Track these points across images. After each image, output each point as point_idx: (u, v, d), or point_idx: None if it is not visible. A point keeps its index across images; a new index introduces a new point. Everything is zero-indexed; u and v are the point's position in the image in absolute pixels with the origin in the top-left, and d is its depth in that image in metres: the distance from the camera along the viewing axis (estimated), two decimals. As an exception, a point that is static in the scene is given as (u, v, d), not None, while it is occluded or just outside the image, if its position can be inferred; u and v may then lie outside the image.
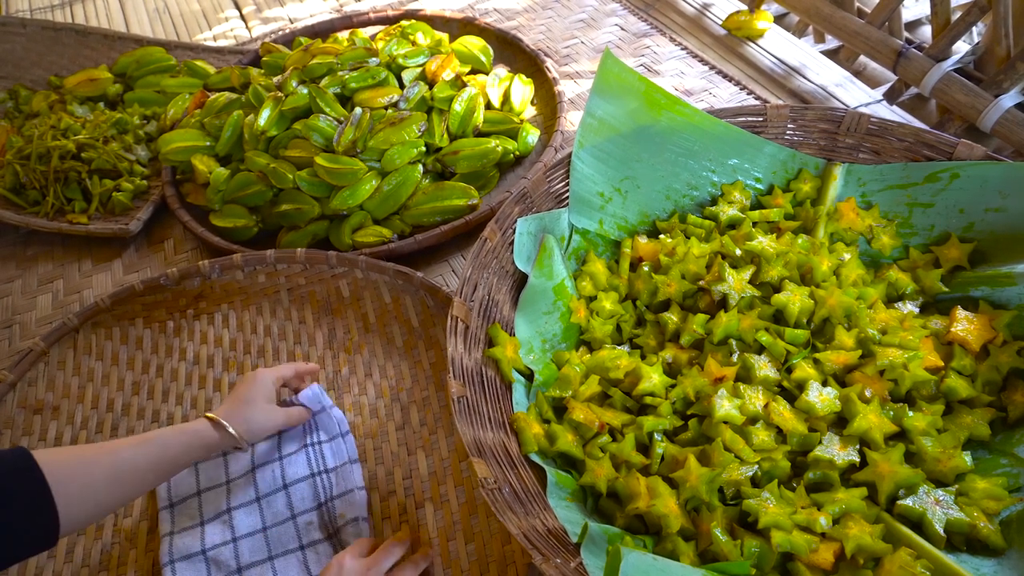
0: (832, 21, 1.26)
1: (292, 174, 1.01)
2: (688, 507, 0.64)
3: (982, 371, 0.71)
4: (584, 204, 0.85)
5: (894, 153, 0.84)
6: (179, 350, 0.91)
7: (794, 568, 0.61)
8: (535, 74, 1.24)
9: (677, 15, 1.41)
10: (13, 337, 0.98)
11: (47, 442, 0.83)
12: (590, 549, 0.58)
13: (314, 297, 0.95)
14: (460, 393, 0.67)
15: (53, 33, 1.48)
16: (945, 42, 1.13)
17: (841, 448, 0.66)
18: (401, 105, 1.09)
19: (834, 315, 0.74)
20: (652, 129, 0.85)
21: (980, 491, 0.63)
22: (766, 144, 0.87)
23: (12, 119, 1.27)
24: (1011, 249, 0.77)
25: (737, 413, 0.68)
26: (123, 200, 1.10)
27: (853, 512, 0.62)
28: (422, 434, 0.81)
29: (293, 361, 0.85)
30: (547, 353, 0.79)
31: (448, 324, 0.71)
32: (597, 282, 0.83)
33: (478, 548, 0.72)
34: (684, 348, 0.76)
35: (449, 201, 1.01)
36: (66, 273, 1.06)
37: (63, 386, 0.89)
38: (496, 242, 0.79)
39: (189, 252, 1.07)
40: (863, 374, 0.70)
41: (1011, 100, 1.06)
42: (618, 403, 0.73)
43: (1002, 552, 0.60)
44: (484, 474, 0.61)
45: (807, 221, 0.85)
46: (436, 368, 0.86)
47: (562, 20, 1.43)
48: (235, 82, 1.22)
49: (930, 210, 0.82)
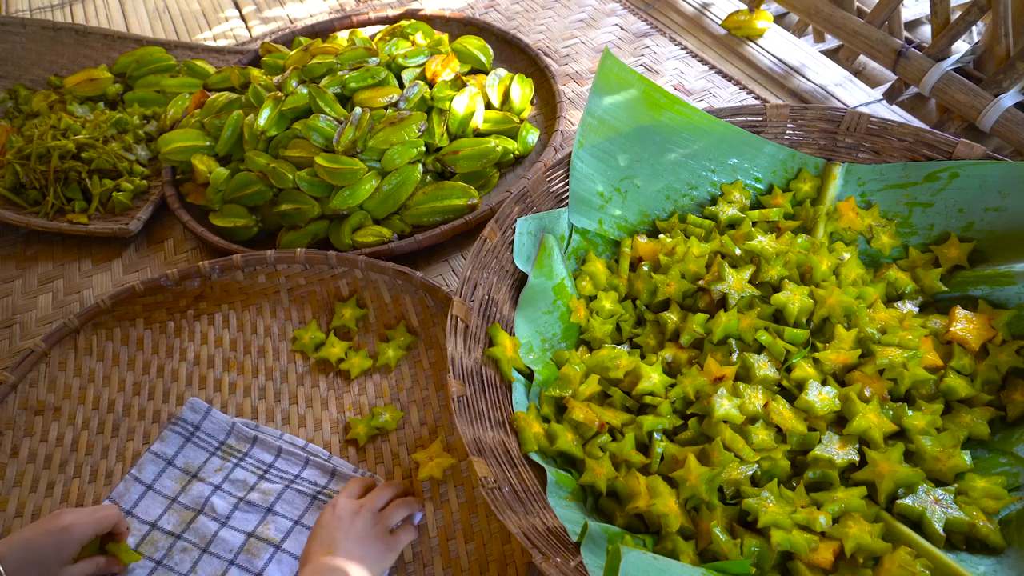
0: (832, 20, 1.26)
1: (292, 174, 1.01)
2: (688, 506, 0.64)
3: (981, 370, 0.71)
4: (584, 204, 0.85)
5: (894, 153, 0.84)
6: (179, 350, 0.91)
7: (794, 567, 0.61)
8: (535, 74, 1.24)
9: (677, 15, 1.41)
10: (13, 337, 0.98)
11: (48, 443, 0.84)
12: (590, 548, 0.58)
13: (314, 297, 0.95)
14: (460, 392, 0.67)
15: (53, 33, 1.48)
16: (945, 42, 1.13)
17: (841, 447, 0.66)
18: (401, 105, 1.09)
19: (834, 314, 0.74)
20: (652, 129, 0.85)
21: (979, 490, 0.63)
22: (766, 144, 0.87)
23: (12, 119, 1.28)
24: (1010, 248, 0.77)
25: (737, 412, 0.68)
26: (123, 200, 1.10)
27: (853, 511, 0.62)
28: (422, 434, 0.81)
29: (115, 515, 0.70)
30: (547, 353, 0.79)
31: (448, 324, 0.71)
32: (597, 282, 0.83)
33: (478, 547, 0.72)
34: (684, 348, 0.76)
35: (449, 201, 1.01)
36: (66, 273, 1.06)
37: (64, 387, 0.89)
38: (496, 242, 0.79)
39: (189, 252, 1.07)
40: (863, 373, 0.70)
41: (1011, 99, 1.06)
42: (618, 402, 0.73)
43: (1001, 551, 0.60)
44: (484, 473, 0.61)
45: (807, 221, 0.85)
46: (436, 368, 0.86)
47: (562, 20, 1.43)
48: (235, 82, 1.22)
49: (929, 209, 0.82)
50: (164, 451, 0.80)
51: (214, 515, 0.74)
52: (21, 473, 0.81)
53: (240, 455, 0.79)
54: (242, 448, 0.80)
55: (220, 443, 0.81)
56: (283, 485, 0.76)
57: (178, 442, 0.81)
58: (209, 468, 0.79)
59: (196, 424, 0.82)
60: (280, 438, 0.81)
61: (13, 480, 0.81)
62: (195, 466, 0.79)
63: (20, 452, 0.83)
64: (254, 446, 0.80)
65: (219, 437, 0.81)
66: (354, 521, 0.67)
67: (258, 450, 0.79)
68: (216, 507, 0.75)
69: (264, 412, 0.85)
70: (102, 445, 0.83)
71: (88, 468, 0.81)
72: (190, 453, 0.80)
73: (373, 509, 0.69)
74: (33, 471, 0.81)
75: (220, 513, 0.75)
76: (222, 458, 0.79)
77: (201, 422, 0.82)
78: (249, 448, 0.80)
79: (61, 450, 0.83)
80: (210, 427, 0.82)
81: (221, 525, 0.74)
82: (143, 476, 0.78)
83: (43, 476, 0.81)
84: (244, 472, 0.78)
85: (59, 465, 0.82)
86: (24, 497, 0.79)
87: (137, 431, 0.84)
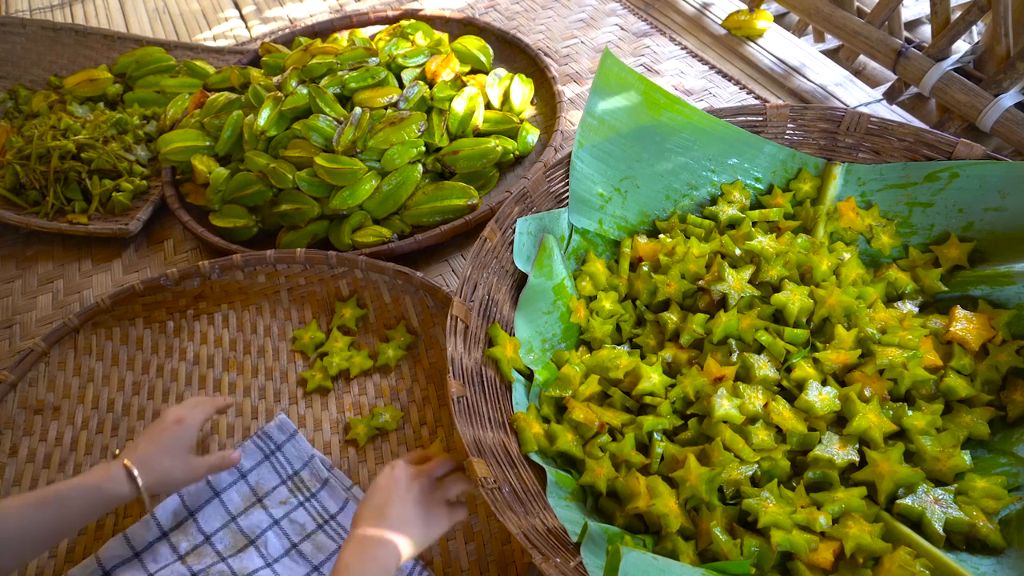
0: (832, 20, 1.26)
1: (292, 174, 1.01)
2: (688, 506, 0.64)
3: (981, 370, 0.71)
4: (584, 204, 0.85)
5: (894, 153, 0.84)
6: (179, 350, 0.91)
7: (794, 567, 0.61)
8: (535, 74, 1.24)
9: (677, 15, 1.41)
10: (13, 337, 0.98)
11: (48, 442, 0.84)
12: (590, 548, 0.58)
13: (314, 297, 0.95)
14: (460, 393, 0.67)
15: (53, 33, 1.48)
16: (945, 41, 1.13)
17: (841, 447, 0.66)
18: (401, 105, 1.09)
19: (834, 314, 0.74)
20: (652, 129, 0.85)
21: (979, 490, 0.63)
22: (766, 144, 0.87)
23: (12, 119, 1.28)
24: (1010, 248, 0.77)
25: (737, 413, 0.68)
26: (123, 200, 1.10)
27: (853, 511, 0.62)
28: (422, 434, 0.81)
29: (212, 396, 0.79)
30: (547, 353, 0.79)
31: (448, 324, 0.71)
32: (597, 282, 0.83)
33: (478, 548, 0.72)
34: (684, 348, 0.76)
35: (449, 201, 1.01)
36: (66, 273, 1.06)
37: (64, 386, 0.89)
38: (496, 242, 0.79)
39: (189, 252, 1.07)
40: (863, 373, 0.70)
41: (1011, 99, 1.06)
42: (618, 403, 0.73)
43: (1001, 551, 0.60)
44: (484, 474, 0.61)
45: (807, 221, 0.85)
46: (436, 368, 0.86)
47: (562, 20, 1.43)
48: (235, 82, 1.22)
49: (929, 209, 0.82)
50: (242, 463, 0.78)
51: (264, 552, 0.72)
52: (20, 473, 0.81)
53: (308, 495, 0.76)
54: (312, 487, 0.77)
55: (294, 472, 0.78)
56: (337, 545, 0.73)
57: (257, 457, 0.79)
58: (276, 497, 0.76)
59: (279, 444, 0.80)
60: (349, 489, 0.77)
61: (13, 480, 0.81)
62: (264, 489, 0.76)
63: (19, 451, 0.83)
64: (323, 488, 0.77)
65: (295, 466, 0.78)
66: (411, 485, 0.64)
67: (326, 494, 0.76)
68: (269, 544, 0.72)
69: (264, 412, 0.85)
70: (102, 445, 0.83)
71: (88, 468, 0.81)
72: (264, 473, 0.78)
73: (432, 476, 0.66)
74: (32, 470, 0.81)
75: (270, 553, 0.72)
76: (291, 491, 0.77)
77: (284, 444, 0.80)
78: (318, 489, 0.77)
79: (60, 450, 0.83)
80: (291, 452, 0.79)
81: (266, 566, 0.71)
82: (216, 481, 0.76)
83: (43, 476, 0.81)
84: (306, 516, 0.75)
85: (58, 465, 0.82)
86: (24, 497, 0.79)
87: (137, 431, 0.84)
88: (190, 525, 0.73)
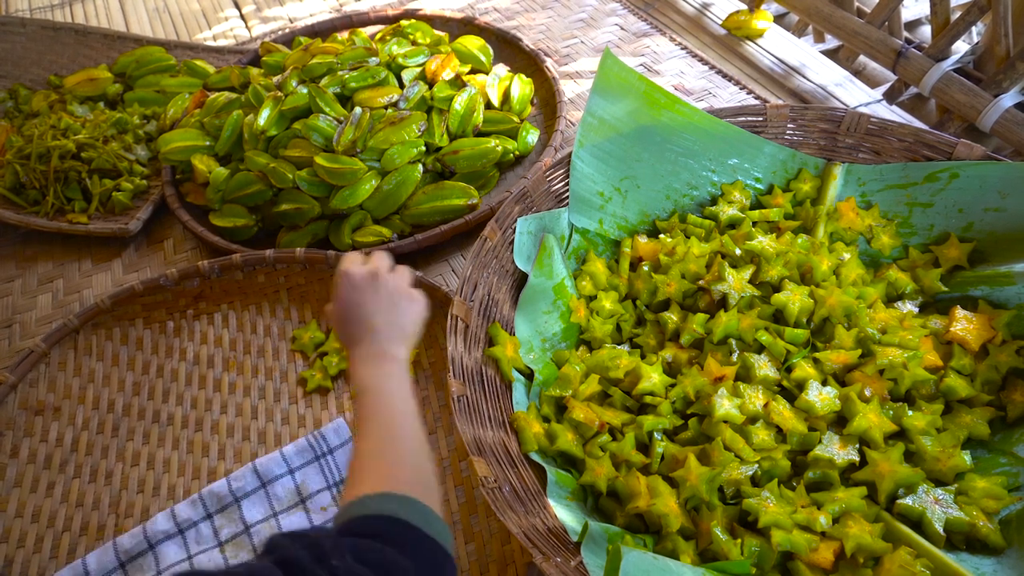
0: (832, 21, 1.26)
1: (292, 174, 1.01)
2: (688, 506, 0.64)
3: (981, 370, 0.71)
4: (584, 204, 0.85)
5: (894, 153, 0.84)
6: (179, 350, 0.91)
7: (794, 567, 0.61)
8: (535, 74, 1.24)
9: (677, 15, 1.41)
10: (13, 337, 0.98)
11: (48, 443, 0.84)
12: (590, 548, 0.58)
13: (314, 297, 0.95)
14: (460, 392, 0.67)
15: (53, 33, 1.48)
16: (945, 42, 1.13)
17: (841, 447, 0.66)
18: (401, 105, 1.09)
19: (834, 315, 0.74)
20: (652, 129, 0.85)
21: (979, 490, 0.63)
22: (766, 144, 0.87)
23: (12, 119, 1.27)
24: (1010, 249, 0.77)
25: (737, 412, 0.68)
26: (123, 200, 1.10)
27: (853, 511, 0.62)
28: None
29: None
30: (547, 352, 0.79)
31: (448, 323, 0.71)
32: (597, 282, 0.83)
33: (478, 547, 0.72)
34: (684, 347, 0.76)
35: (449, 201, 1.01)
36: (66, 273, 1.06)
37: (64, 387, 0.89)
38: (496, 241, 0.79)
39: (189, 252, 1.07)
40: (863, 373, 0.70)
41: (1011, 100, 1.06)
42: (618, 402, 0.73)
43: (1001, 551, 0.60)
44: (484, 473, 0.61)
45: (807, 221, 0.85)
46: (436, 367, 0.86)
47: (562, 20, 1.43)
48: (235, 82, 1.22)
49: (929, 210, 0.82)
50: (292, 458, 0.77)
51: None
52: (21, 473, 0.81)
53: None
54: None
55: (340, 480, 0.77)
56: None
57: (307, 456, 0.78)
58: (318, 502, 0.75)
59: (331, 448, 0.78)
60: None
61: (13, 480, 0.81)
62: (308, 491, 0.75)
63: (20, 452, 0.83)
64: None
65: (343, 472, 0.77)
66: (376, 286, 0.61)
67: None
68: None
69: (264, 412, 0.84)
70: (102, 445, 0.83)
71: (88, 468, 0.81)
72: (311, 474, 0.77)
73: (386, 267, 0.63)
74: (33, 471, 0.81)
75: None
76: (333, 499, 0.75)
77: (336, 448, 0.78)
78: None
79: (61, 450, 0.83)
80: (341, 458, 0.78)
81: None
82: (263, 470, 0.75)
83: (43, 476, 0.81)
84: None
85: (59, 465, 0.82)
86: (24, 497, 0.79)
87: (137, 431, 0.84)
88: (234, 511, 0.74)
